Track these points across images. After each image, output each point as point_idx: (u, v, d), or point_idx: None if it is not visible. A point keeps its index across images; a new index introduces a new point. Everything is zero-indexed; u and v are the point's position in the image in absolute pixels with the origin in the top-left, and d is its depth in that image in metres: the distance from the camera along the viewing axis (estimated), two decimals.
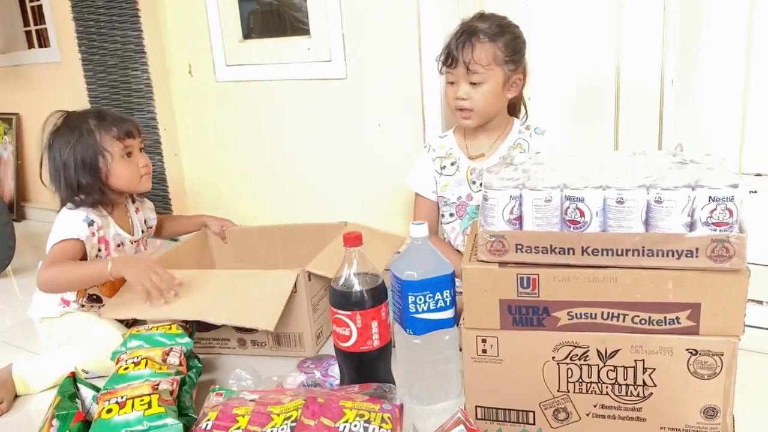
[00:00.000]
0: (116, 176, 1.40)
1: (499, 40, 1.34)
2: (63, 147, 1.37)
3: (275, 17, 2.02)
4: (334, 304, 1.08)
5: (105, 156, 1.38)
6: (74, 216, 1.37)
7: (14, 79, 2.71)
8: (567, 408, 0.97)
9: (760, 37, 1.37)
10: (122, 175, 1.41)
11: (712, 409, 0.90)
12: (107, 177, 1.40)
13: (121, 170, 1.40)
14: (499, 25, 1.35)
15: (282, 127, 2.01)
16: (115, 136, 1.39)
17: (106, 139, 1.38)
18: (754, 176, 1.46)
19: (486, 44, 1.33)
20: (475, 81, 1.35)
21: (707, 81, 1.44)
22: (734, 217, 0.83)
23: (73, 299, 1.41)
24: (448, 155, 1.49)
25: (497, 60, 1.34)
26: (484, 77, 1.34)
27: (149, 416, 0.95)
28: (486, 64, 1.33)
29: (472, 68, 1.33)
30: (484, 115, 1.40)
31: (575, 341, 0.93)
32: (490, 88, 1.36)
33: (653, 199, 0.85)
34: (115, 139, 1.39)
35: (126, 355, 1.18)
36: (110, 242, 1.43)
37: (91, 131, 1.38)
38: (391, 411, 0.92)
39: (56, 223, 1.38)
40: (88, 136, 1.38)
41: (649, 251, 0.86)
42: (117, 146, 1.39)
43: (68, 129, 1.39)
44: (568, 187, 0.89)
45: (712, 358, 0.88)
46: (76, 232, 1.35)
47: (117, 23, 2.16)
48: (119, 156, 1.40)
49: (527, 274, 0.92)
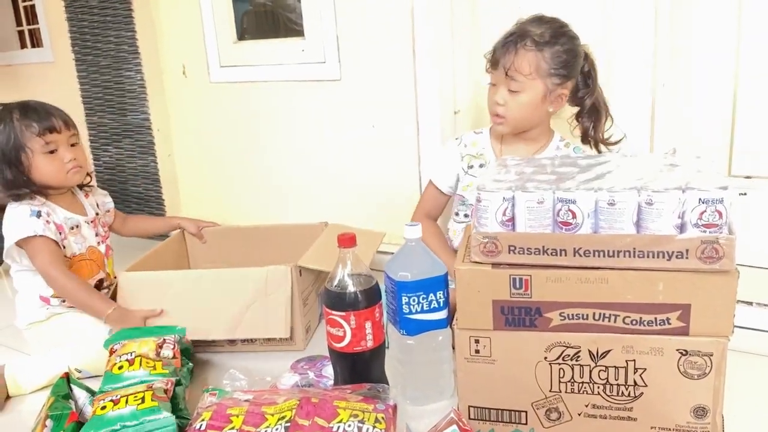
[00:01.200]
0: (39, 172, 1.38)
1: (547, 51, 1.24)
2: None
3: (269, 18, 2.02)
4: (328, 305, 1.08)
5: (26, 151, 1.36)
6: (21, 212, 1.37)
7: (6, 79, 2.69)
8: (559, 408, 0.98)
9: (749, 40, 1.39)
10: (45, 171, 1.38)
11: (702, 409, 0.91)
12: (29, 171, 1.38)
13: (43, 166, 1.38)
14: (553, 33, 1.25)
15: (276, 128, 2.01)
16: (36, 132, 1.36)
17: (26, 134, 1.36)
18: (744, 178, 1.48)
19: (531, 52, 1.24)
20: (514, 89, 1.27)
21: (697, 84, 1.46)
22: (724, 219, 0.84)
23: (50, 294, 1.41)
24: (479, 155, 1.42)
25: (540, 71, 1.25)
26: (522, 86, 1.26)
27: (142, 410, 0.96)
28: (527, 73, 1.25)
29: (511, 74, 1.26)
30: (517, 125, 1.33)
31: (567, 342, 0.94)
32: (528, 99, 1.28)
33: (644, 201, 0.86)
34: (35, 135, 1.36)
35: (119, 346, 1.19)
36: (63, 226, 1.42)
37: (12, 125, 1.36)
38: (385, 411, 0.92)
39: (8, 221, 1.38)
40: (9, 130, 1.36)
41: (639, 252, 0.87)
42: (37, 142, 1.36)
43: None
44: (560, 189, 0.90)
45: (702, 358, 0.89)
46: (32, 228, 1.35)
47: (111, 23, 2.15)
48: (40, 152, 1.37)
49: (520, 275, 0.92)
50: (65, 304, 1.43)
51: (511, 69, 1.25)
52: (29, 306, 1.43)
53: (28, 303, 1.44)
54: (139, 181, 2.32)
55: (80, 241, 1.46)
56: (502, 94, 1.29)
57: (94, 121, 2.33)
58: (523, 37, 1.25)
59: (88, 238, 1.48)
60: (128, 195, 2.35)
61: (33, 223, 1.36)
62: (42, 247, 1.36)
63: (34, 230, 1.35)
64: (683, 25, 1.44)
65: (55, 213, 1.42)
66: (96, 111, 2.32)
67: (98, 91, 2.29)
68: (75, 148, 1.44)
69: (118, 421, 0.96)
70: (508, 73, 1.26)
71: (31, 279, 1.42)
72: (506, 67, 1.26)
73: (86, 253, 1.47)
